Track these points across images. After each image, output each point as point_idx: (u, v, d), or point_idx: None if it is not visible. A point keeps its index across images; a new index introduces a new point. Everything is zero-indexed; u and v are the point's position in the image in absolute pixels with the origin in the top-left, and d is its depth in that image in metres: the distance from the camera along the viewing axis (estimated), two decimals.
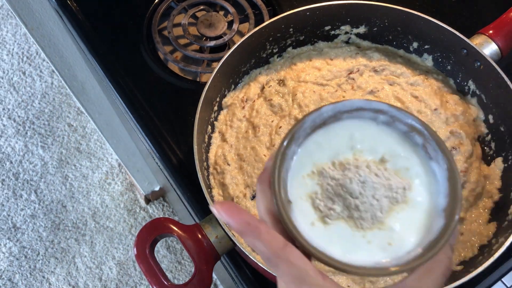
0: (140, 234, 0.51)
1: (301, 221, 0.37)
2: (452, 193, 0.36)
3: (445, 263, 0.35)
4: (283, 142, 0.38)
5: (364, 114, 0.40)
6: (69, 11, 0.72)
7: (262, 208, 0.37)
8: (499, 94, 0.57)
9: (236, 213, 0.35)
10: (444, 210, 0.36)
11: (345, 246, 0.37)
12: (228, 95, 0.63)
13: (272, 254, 0.34)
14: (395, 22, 0.63)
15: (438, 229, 0.35)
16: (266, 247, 0.34)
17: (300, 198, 0.38)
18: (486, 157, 0.60)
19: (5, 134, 1.73)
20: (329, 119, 0.40)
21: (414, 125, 0.38)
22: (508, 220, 0.53)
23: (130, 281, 1.51)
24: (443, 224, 0.35)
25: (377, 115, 0.40)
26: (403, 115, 0.39)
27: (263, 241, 0.34)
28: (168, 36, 0.72)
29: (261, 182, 0.38)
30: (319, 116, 0.39)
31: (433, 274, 0.35)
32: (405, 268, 0.34)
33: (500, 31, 0.61)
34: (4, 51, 1.88)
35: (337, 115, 0.40)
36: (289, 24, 0.62)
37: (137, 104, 0.66)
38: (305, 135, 0.39)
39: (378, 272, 0.35)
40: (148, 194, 1.58)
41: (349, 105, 0.39)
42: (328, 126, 0.40)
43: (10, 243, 1.57)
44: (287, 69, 0.64)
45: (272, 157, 0.38)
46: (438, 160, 0.37)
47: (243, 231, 0.34)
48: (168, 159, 0.62)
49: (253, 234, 0.34)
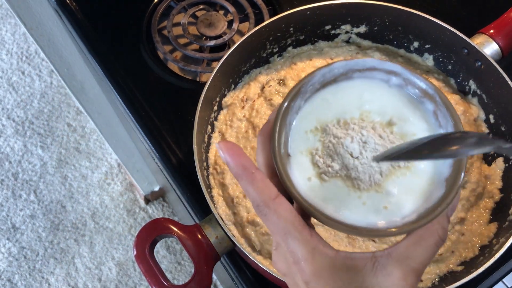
0: (140, 235, 0.51)
1: (298, 175, 0.37)
2: (456, 163, 0.35)
3: (439, 233, 0.35)
4: (289, 95, 0.37)
5: (376, 74, 0.39)
6: (68, 11, 0.72)
7: (261, 160, 0.37)
8: (500, 93, 0.57)
9: (237, 155, 0.35)
10: (446, 179, 0.35)
11: (339, 204, 0.36)
12: (228, 94, 0.62)
13: (262, 201, 0.34)
14: (395, 22, 0.63)
15: (437, 197, 0.35)
16: (257, 193, 0.34)
17: (300, 153, 0.38)
18: (487, 157, 0.60)
19: (4, 134, 1.73)
20: (339, 76, 0.39)
21: (426, 89, 0.38)
22: (509, 221, 0.53)
23: (129, 282, 1.51)
24: (443, 193, 0.35)
25: (389, 76, 0.39)
26: (416, 78, 0.38)
27: (255, 187, 0.34)
28: (168, 35, 0.72)
29: (262, 134, 0.38)
30: (329, 71, 0.39)
31: (426, 243, 0.34)
32: (396, 231, 0.34)
33: (501, 30, 0.61)
34: (3, 50, 1.88)
35: (348, 73, 0.39)
36: (289, 23, 0.62)
37: (137, 103, 0.65)
38: (313, 90, 0.39)
39: (368, 232, 0.34)
40: (147, 194, 1.57)
41: (362, 63, 0.39)
42: (338, 84, 0.40)
43: (9, 244, 1.57)
44: (287, 68, 0.64)
45: (276, 110, 0.38)
46: (447, 128, 0.37)
47: (239, 173, 0.35)
48: (167, 159, 0.62)
49: (248, 178, 0.34)
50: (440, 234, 0.35)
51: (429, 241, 0.34)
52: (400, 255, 0.33)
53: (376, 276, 0.33)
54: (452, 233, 0.55)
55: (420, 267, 0.34)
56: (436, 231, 0.34)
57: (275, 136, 0.36)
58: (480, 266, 0.49)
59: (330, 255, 0.33)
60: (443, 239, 0.35)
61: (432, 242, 0.34)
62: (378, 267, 0.33)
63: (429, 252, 0.34)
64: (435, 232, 0.34)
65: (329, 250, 0.34)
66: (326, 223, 0.35)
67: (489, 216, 0.56)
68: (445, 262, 0.54)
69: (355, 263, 0.33)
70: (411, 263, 0.33)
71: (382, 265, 0.33)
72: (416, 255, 0.34)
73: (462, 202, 0.56)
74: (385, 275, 0.33)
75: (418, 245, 0.34)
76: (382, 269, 0.33)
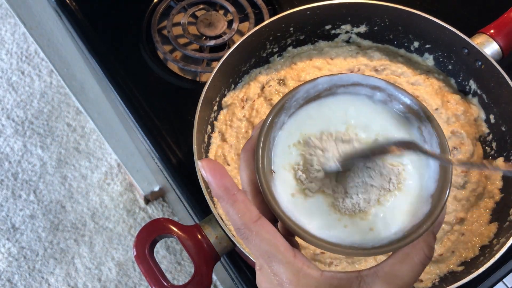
0: (140, 235, 0.51)
1: (281, 192, 0.36)
2: (442, 179, 0.35)
3: (425, 251, 0.34)
4: (272, 111, 0.37)
5: (360, 90, 0.39)
6: (68, 11, 0.72)
7: (245, 178, 0.37)
8: (500, 93, 0.57)
9: (218, 175, 0.34)
10: (432, 195, 0.35)
11: (322, 222, 0.36)
12: (228, 94, 0.62)
13: (243, 224, 0.33)
14: (396, 21, 0.62)
15: (423, 214, 0.35)
16: (238, 216, 0.33)
17: (284, 168, 0.37)
18: (487, 157, 0.60)
19: (4, 134, 1.73)
20: (324, 92, 0.39)
21: (411, 105, 0.37)
22: (509, 221, 0.53)
23: (129, 282, 1.51)
24: (428, 209, 0.34)
25: (374, 92, 0.39)
26: (400, 94, 0.38)
27: (236, 210, 0.33)
28: (168, 35, 0.71)
29: (245, 151, 0.37)
30: (313, 87, 0.38)
31: (412, 261, 0.34)
32: (382, 250, 0.33)
33: (501, 30, 0.61)
34: (3, 50, 1.87)
35: (333, 88, 0.39)
36: (289, 23, 0.62)
37: (137, 103, 0.65)
38: (297, 105, 0.38)
39: (353, 251, 0.34)
40: (147, 195, 1.57)
41: (346, 79, 0.38)
42: (322, 100, 0.39)
43: (9, 244, 1.56)
44: (288, 68, 0.64)
45: (259, 126, 0.37)
46: (432, 144, 0.37)
47: (220, 195, 0.34)
48: (167, 159, 0.62)
49: (229, 201, 0.34)
50: (426, 252, 0.34)
51: (415, 259, 0.34)
52: (386, 274, 0.33)
53: None
54: (452, 233, 0.55)
55: (406, 286, 0.33)
56: (421, 249, 0.34)
57: (258, 153, 0.36)
58: (481, 266, 0.49)
59: (315, 276, 0.33)
60: (429, 257, 0.34)
61: (418, 261, 0.34)
62: (364, 286, 0.33)
63: (416, 271, 0.34)
64: (421, 250, 0.34)
65: (313, 271, 0.33)
66: (310, 242, 0.34)
67: (490, 216, 0.56)
68: (446, 262, 0.54)
69: (340, 283, 0.33)
70: (397, 281, 0.33)
71: (368, 284, 0.33)
72: (402, 274, 0.33)
73: (462, 202, 0.56)
74: None
75: (404, 263, 0.34)
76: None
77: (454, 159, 0.37)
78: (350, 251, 0.34)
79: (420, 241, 0.34)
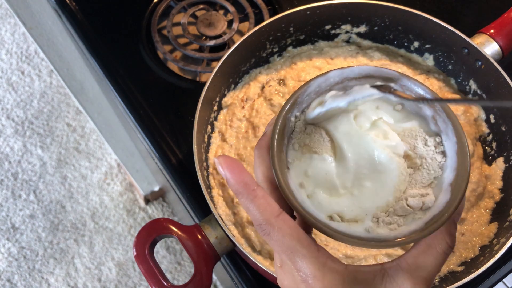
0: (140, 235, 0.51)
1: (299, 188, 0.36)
2: (460, 167, 0.35)
3: (447, 241, 0.34)
4: (285, 106, 0.37)
5: (373, 82, 0.38)
6: (68, 10, 0.72)
7: (260, 175, 0.36)
8: (500, 93, 0.57)
9: (237, 171, 0.34)
10: (450, 184, 0.35)
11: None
12: (228, 94, 0.62)
13: (264, 220, 0.33)
14: (396, 21, 0.62)
15: (443, 203, 0.34)
16: (259, 212, 0.33)
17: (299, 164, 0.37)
18: (487, 157, 0.60)
19: (4, 134, 1.73)
20: (335, 85, 0.38)
21: (424, 95, 0.37)
22: (509, 221, 0.53)
23: (129, 282, 1.51)
24: (448, 198, 0.34)
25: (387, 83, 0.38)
26: (413, 84, 0.37)
27: (257, 205, 0.33)
28: (168, 35, 0.71)
29: (259, 147, 0.37)
30: (325, 81, 0.38)
31: (435, 251, 0.33)
32: (404, 241, 0.33)
33: (501, 30, 0.61)
34: (3, 50, 1.87)
35: (344, 81, 0.38)
36: (289, 23, 0.62)
37: (136, 103, 0.65)
38: (309, 100, 0.38)
39: (376, 244, 0.34)
40: (147, 195, 1.57)
41: (358, 71, 0.38)
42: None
43: (9, 244, 1.56)
44: (287, 68, 0.64)
45: (272, 122, 0.37)
46: (447, 132, 0.36)
47: (239, 191, 0.33)
48: (167, 159, 0.62)
49: (248, 196, 0.33)
50: (448, 241, 0.34)
51: (438, 249, 0.33)
52: (409, 266, 0.33)
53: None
54: None
55: (430, 276, 0.33)
56: (443, 239, 0.34)
57: (274, 149, 0.35)
58: (481, 266, 0.49)
59: (340, 270, 0.33)
60: (452, 246, 0.34)
61: (441, 250, 0.34)
62: (388, 279, 0.33)
63: (439, 261, 0.33)
64: (443, 240, 0.34)
65: (338, 265, 0.33)
66: (331, 235, 0.34)
67: (490, 216, 0.56)
68: (446, 262, 0.54)
69: (364, 277, 0.33)
70: (420, 273, 0.33)
71: (392, 276, 0.33)
72: (426, 265, 0.33)
73: None
74: (396, 287, 0.32)
75: (427, 254, 0.33)
76: (392, 281, 0.33)
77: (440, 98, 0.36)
78: (373, 244, 0.33)
79: (441, 230, 0.34)
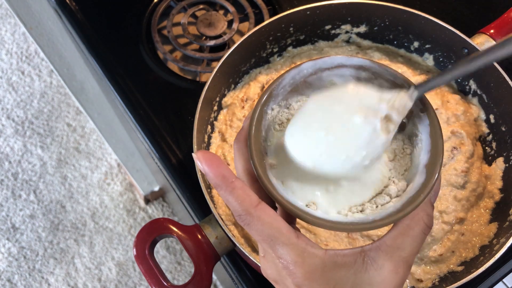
0: (140, 235, 0.51)
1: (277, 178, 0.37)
2: (433, 149, 0.36)
3: (425, 221, 0.34)
4: (260, 100, 0.38)
5: (345, 71, 0.39)
6: (68, 10, 0.72)
7: (240, 167, 0.37)
8: (500, 93, 0.57)
9: (215, 165, 0.34)
10: (425, 165, 0.36)
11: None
12: (228, 94, 0.62)
13: (243, 210, 0.33)
14: (396, 22, 0.62)
15: (419, 184, 0.35)
16: (238, 202, 0.33)
17: None
18: (487, 157, 0.60)
19: (4, 134, 1.73)
20: (309, 76, 0.39)
21: (395, 80, 0.38)
22: (509, 221, 0.53)
23: (129, 282, 1.51)
24: (424, 179, 0.35)
25: (358, 71, 0.39)
26: (384, 70, 0.38)
27: (236, 197, 0.34)
28: (168, 35, 0.71)
29: (238, 141, 0.37)
30: (298, 72, 0.39)
31: (413, 232, 0.34)
32: (382, 223, 0.34)
33: (501, 30, 0.61)
34: (3, 50, 1.87)
35: (318, 72, 0.39)
36: (289, 23, 0.62)
37: (136, 104, 0.65)
38: (284, 92, 0.39)
39: (354, 227, 0.34)
40: (147, 195, 1.57)
41: (330, 62, 0.39)
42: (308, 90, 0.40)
43: (9, 244, 1.56)
44: (287, 68, 0.64)
45: (249, 116, 0.37)
46: (420, 115, 0.37)
47: (218, 184, 0.34)
48: (167, 159, 0.62)
49: (227, 188, 0.34)
50: (425, 221, 0.35)
51: (416, 230, 0.34)
52: (389, 247, 0.33)
53: (367, 271, 0.33)
54: (452, 233, 0.55)
55: (410, 257, 0.34)
56: (421, 219, 0.34)
57: (251, 142, 0.36)
58: (480, 266, 0.49)
59: (319, 255, 0.33)
60: (430, 226, 0.35)
61: (419, 231, 0.34)
62: (369, 261, 0.33)
63: (417, 241, 0.34)
64: (421, 220, 0.34)
65: (317, 250, 0.33)
66: (311, 222, 0.34)
67: (489, 216, 0.56)
68: (446, 262, 0.54)
69: (345, 260, 0.33)
70: (401, 253, 0.33)
71: (372, 258, 0.33)
72: (405, 246, 0.34)
73: (462, 202, 0.56)
74: (377, 269, 0.33)
75: (405, 235, 0.34)
76: (372, 263, 0.33)
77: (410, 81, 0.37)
78: (352, 227, 0.34)
79: (418, 210, 0.34)
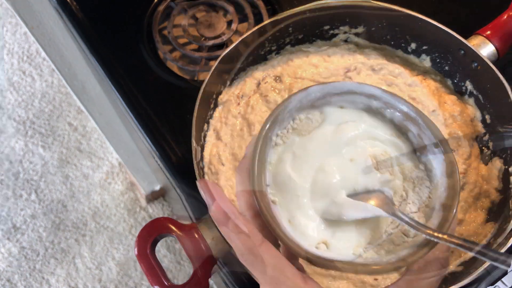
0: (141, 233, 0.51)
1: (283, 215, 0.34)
2: (450, 189, 0.34)
3: (441, 262, 0.33)
4: (265, 125, 0.34)
5: (356, 98, 0.37)
6: (69, 10, 0.72)
7: (243, 202, 0.34)
8: (496, 94, 0.57)
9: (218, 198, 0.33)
10: (442, 204, 0.34)
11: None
12: (223, 91, 0.62)
13: (247, 249, 0.31)
14: (393, 23, 0.63)
15: (435, 224, 0.33)
16: (241, 241, 0.31)
17: None
18: (484, 157, 0.60)
19: (5, 134, 1.74)
20: (317, 101, 0.37)
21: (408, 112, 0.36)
22: (506, 220, 0.53)
23: (130, 282, 1.51)
24: (440, 219, 0.34)
25: (370, 100, 0.37)
26: (397, 101, 0.36)
27: (238, 235, 0.32)
28: (168, 36, 0.72)
29: (240, 171, 0.34)
30: (306, 96, 0.36)
31: (429, 274, 0.32)
32: (397, 264, 0.32)
33: (497, 32, 0.61)
34: (4, 50, 1.88)
35: (326, 97, 0.36)
36: (288, 23, 0.62)
37: (137, 103, 0.66)
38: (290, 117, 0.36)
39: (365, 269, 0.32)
40: (148, 194, 1.58)
41: (340, 87, 0.36)
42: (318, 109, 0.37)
43: (10, 244, 1.57)
44: (284, 65, 0.64)
45: (253, 142, 0.34)
46: (434, 151, 0.35)
47: (220, 220, 0.32)
48: (168, 158, 0.62)
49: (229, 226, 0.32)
50: (442, 263, 0.33)
51: (431, 271, 0.32)
52: None
53: None
54: None
55: None
56: (438, 260, 0.33)
57: (254, 174, 0.33)
58: (480, 266, 0.49)
59: None
60: (446, 266, 0.33)
61: (435, 272, 0.32)
62: None
63: (434, 283, 0.32)
64: (437, 261, 0.33)
65: None
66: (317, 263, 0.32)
67: (486, 215, 0.56)
68: None
69: None
70: None
71: None
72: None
73: (461, 203, 0.56)
74: None
75: (421, 278, 0.32)
76: None
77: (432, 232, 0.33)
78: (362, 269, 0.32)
79: (434, 252, 0.33)
